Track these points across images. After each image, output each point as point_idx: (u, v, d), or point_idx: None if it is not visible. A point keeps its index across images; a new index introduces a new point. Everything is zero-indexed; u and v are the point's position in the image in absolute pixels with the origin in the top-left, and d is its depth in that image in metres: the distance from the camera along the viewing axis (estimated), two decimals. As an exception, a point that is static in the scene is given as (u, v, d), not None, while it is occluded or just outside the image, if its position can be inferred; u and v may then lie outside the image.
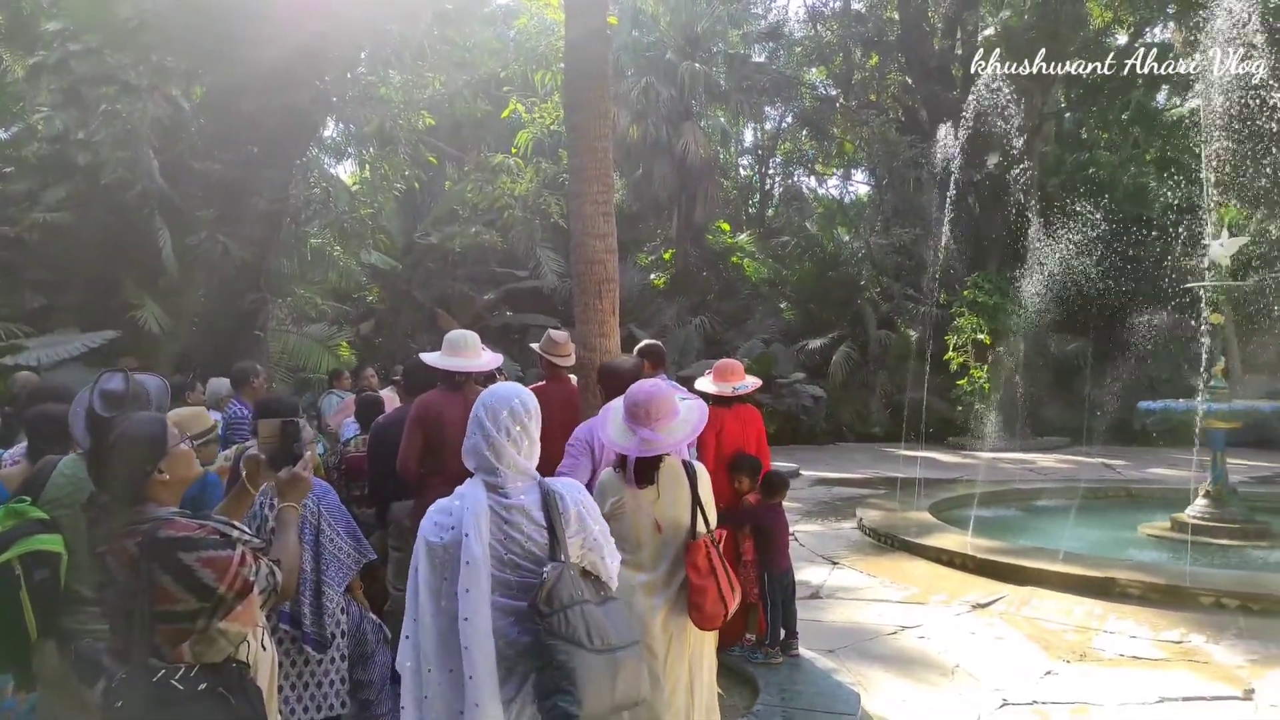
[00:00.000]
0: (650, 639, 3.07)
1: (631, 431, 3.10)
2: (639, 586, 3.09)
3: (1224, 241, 8.53)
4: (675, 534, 3.14)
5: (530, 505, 2.26)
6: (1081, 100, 22.68)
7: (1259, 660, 5.06)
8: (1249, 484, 11.26)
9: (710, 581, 3.06)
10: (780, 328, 21.38)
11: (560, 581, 2.16)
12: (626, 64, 20.96)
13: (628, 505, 3.12)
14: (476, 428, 2.31)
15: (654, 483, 3.14)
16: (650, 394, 3.16)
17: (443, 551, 2.19)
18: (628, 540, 3.10)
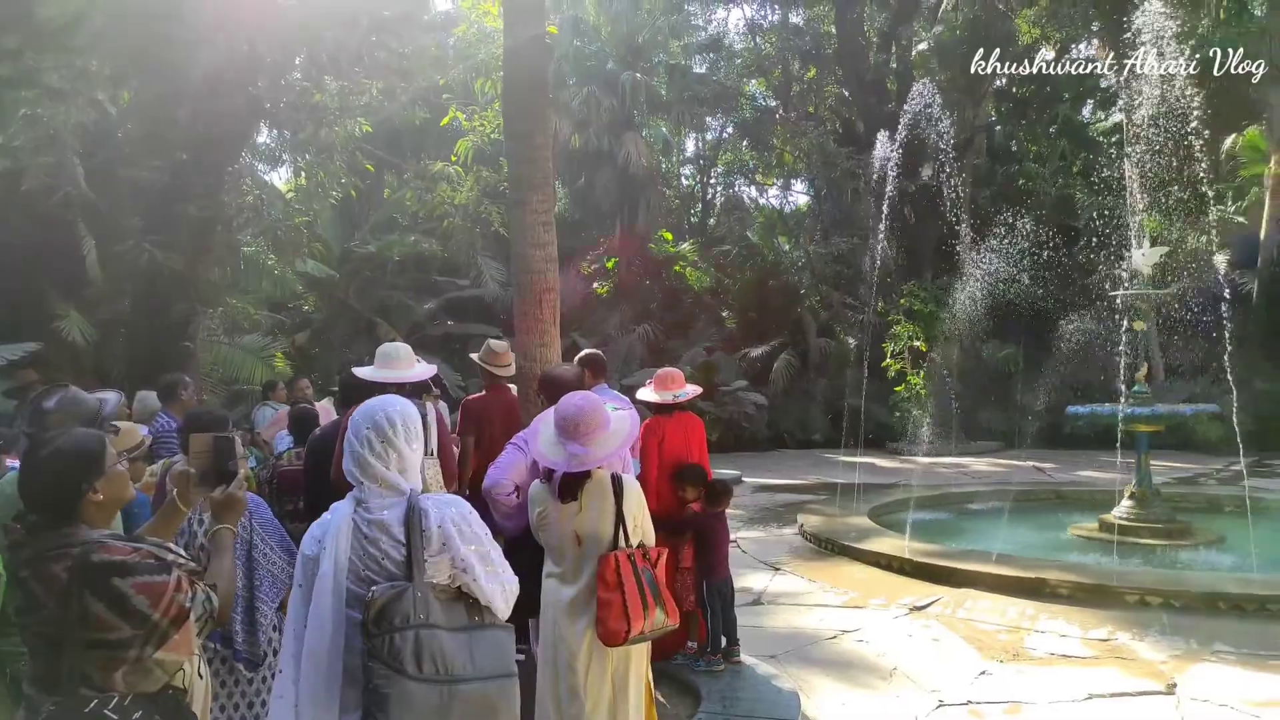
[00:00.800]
0: (571, 655, 3.09)
1: (561, 446, 3.12)
2: (563, 598, 3.13)
3: (1145, 251, 8.87)
4: (596, 547, 3.12)
5: (391, 521, 2.21)
6: (1011, 114, 23.41)
7: (1181, 655, 5.25)
8: (1171, 485, 11.68)
9: (616, 596, 3.01)
10: (722, 336, 21.55)
11: (395, 601, 2.08)
12: (568, 73, 20.97)
13: (550, 517, 3.16)
14: (346, 442, 2.29)
15: (576, 498, 3.14)
16: (580, 407, 3.16)
17: (313, 565, 2.21)
18: (554, 551, 3.18)
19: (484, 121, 8.54)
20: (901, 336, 18.50)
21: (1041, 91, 22.44)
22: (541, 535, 3.23)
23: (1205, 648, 5.34)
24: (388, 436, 2.28)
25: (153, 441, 5.50)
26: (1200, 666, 5.07)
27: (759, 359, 20.30)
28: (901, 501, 10.37)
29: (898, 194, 18.33)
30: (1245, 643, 5.38)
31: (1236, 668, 5.03)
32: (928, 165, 19.57)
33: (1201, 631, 5.59)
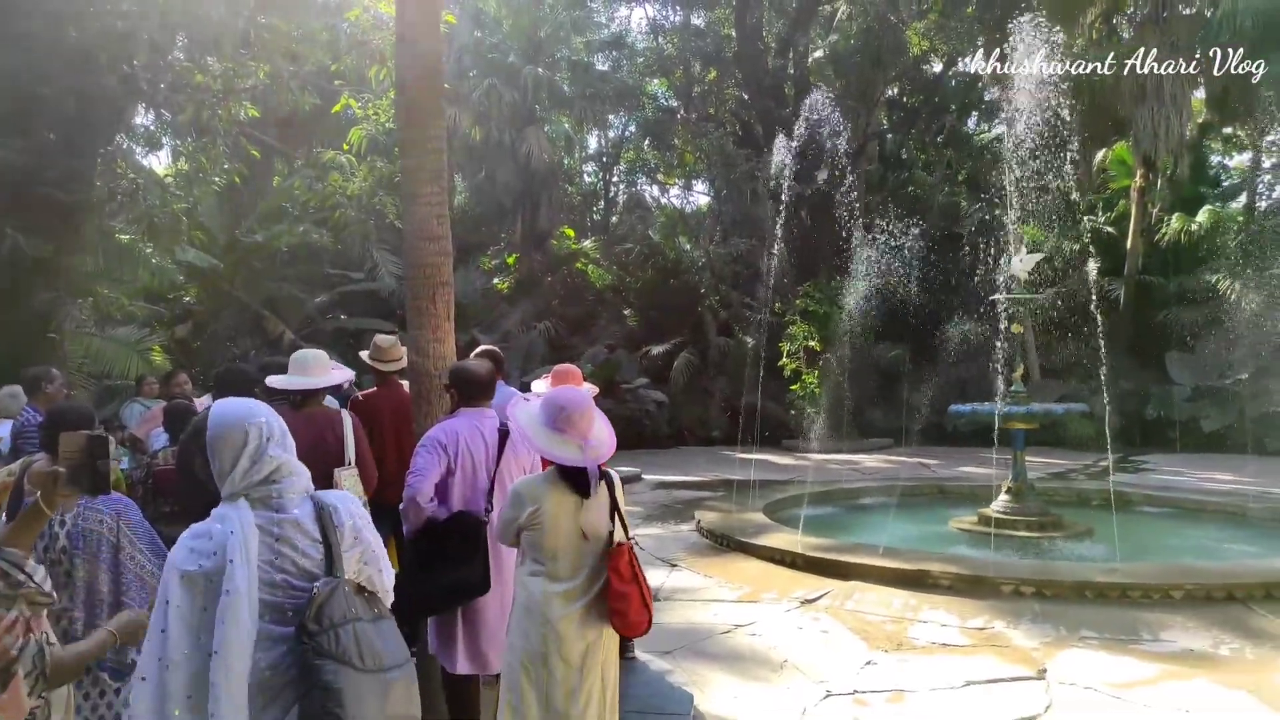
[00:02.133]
0: (566, 650, 3.03)
1: (570, 441, 3.05)
2: (556, 595, 3.04)
3: (1022, 257, 9.31)
4: (597, 542, 3.10)
5: (304, 519, 2.12)
6: (902, 123, 24.28)
7: (1051, 642, 5.53)
8: (1045, 480, 12.30)
9: (634, 588, 3.04)
10: (624, 334, 21.65)
11: (332, 598, 2.03)
12: (469, 65, 20.64)
13: (547, 513, 3.05)
14: (237, 449, 2.10)
15: (594, 493, 3.08)
16: (578, 400, 3.13)
17: (204, 581, 1.98)
18: (543, 550, 3.06)
19: (378, 110, 8.29)
20: (797, 336, 18.95)
21: (930, 102, 23.37)
22: (530, 534, 3.08)
23: (1073, 634, 5.64)
24: (278, 438, 2.17)
25: (16, 435, 5.14)
26: (1068, 652, 5.35)
27: (660, 357, 20.48)
28: (796, 497, 10.60)
29: (794, 197, 18.77)
30: (1109, 628, 5.71)
31: (1101, 652, 5.33)
32: (823, 170, 20.10)
33: (1070, 619, 5.91)
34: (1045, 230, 18.61)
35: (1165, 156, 17.66)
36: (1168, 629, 5.66)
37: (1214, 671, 4.97)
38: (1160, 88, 17.16)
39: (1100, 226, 20.94)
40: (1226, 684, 4.78)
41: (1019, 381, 9.24)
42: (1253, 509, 9.89)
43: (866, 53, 19.30)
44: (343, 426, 4.58)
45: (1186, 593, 6.17)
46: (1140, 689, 4.76)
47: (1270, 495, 11.12)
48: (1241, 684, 4.77)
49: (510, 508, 3.13)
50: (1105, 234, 20.75)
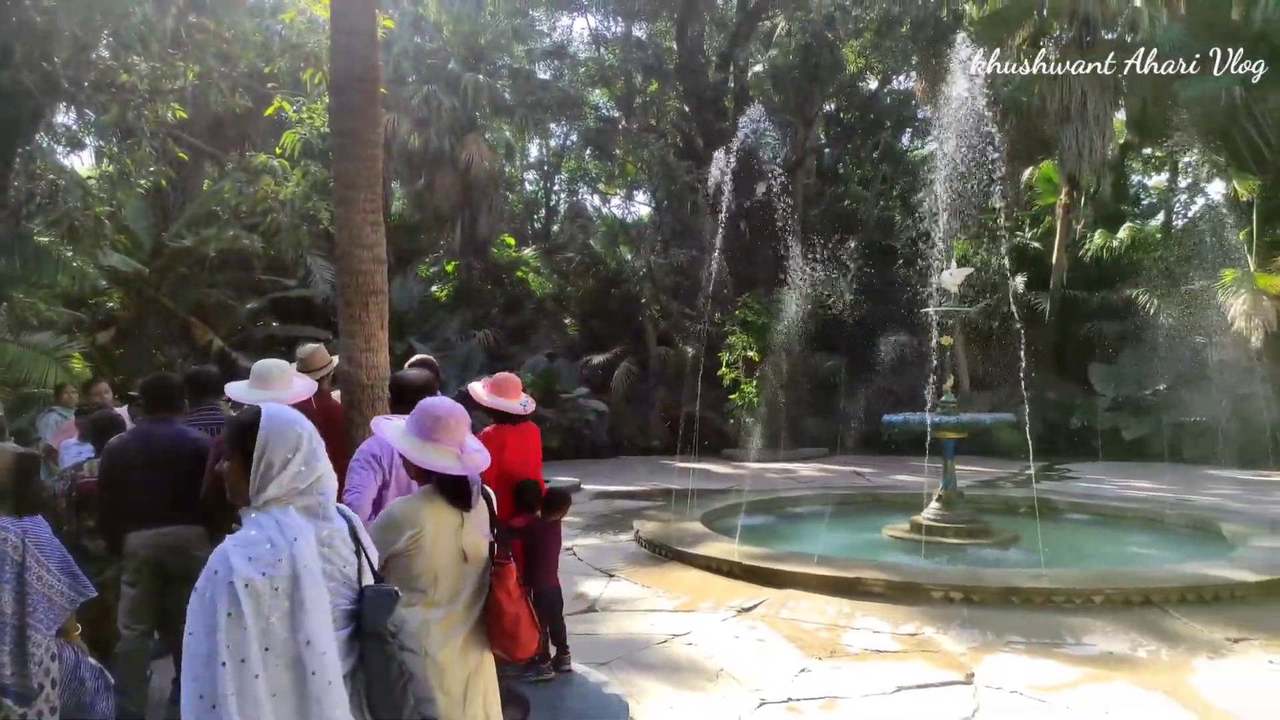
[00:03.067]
0: (448, 682, 2.83)
1: (445, 448, 2.86)
2: (435, 624, 2.82)
3: (952, 271, 9.56)
4: (477, 563, 2.94)
5: (341, 528, 2.16)
6: (839, 138, 24.75)
7: (978, 646, 5.66)
8: (974, 488, 12.60)
9: (523, 607, 2.95)
10: (564, 343, 21.61)
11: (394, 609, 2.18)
12: (408, 70, 20.42)
13: (428, 536, 2.80)
14: (290, 451, 2.07)
15: (474, 505, 2.92)
16: (452, 408, 2.98)
17: (269, 590, 1.90)
18: (422, 577, 2.82)
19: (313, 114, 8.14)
20: (736, 346, 19.14)
21: (866, 118, 23.88)
22: (408, 561, 2.81)
23: (1000, 639, 5.78)
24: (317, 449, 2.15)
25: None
26: (995, 656, 5.48)
27: (600, 366, 20.48)
28: (734, 506, 10.67)
29: (734, 209, 18.99)
30: (1034, 633, 5.87)
31: (1026, 656, 5.48)
32: (762, 183, 20.39)
33: (997, 624, 6.05)
34: (975, 245, 19.16)
35: (1089, 175, 18.32)
36: (1089, 633, 5.84)
37: (1132, 673, 5.15)
38: (1084, 109, 17.81)
39: (1027, 242, 21.64)
40: (1144, 685, 4.95)
41: (949, 392, 9.46)
42: (1169, 515, 10.29)
43: (804, 69, 19.63)
44: None
45: (1107, 597, 6.38)
46: (1063, 692, 4.90)
47: (1186, 502, 11.59)
48: (1158, 685, 4.95)
49: (384, 533, 2.80)
50: (1032, 249, 21.44)
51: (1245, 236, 16.93)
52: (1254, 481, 13.68)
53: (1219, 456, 14.65)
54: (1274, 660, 5.33)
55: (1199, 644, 5.63)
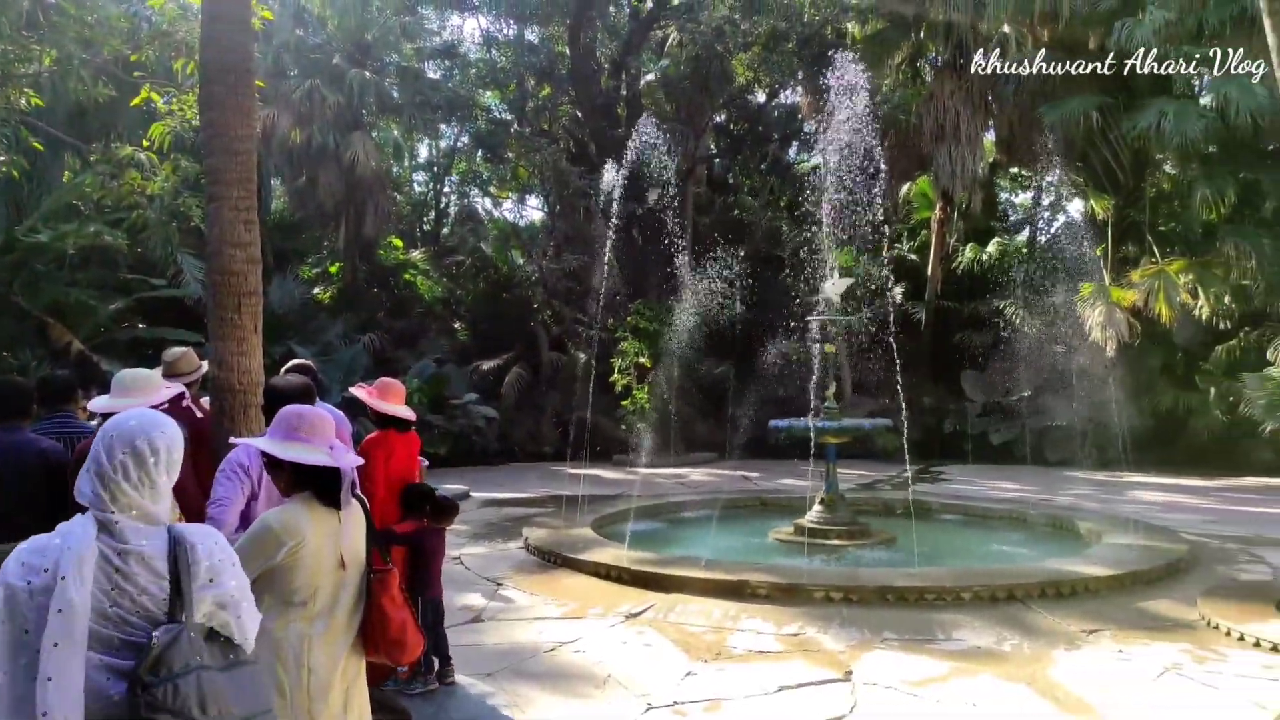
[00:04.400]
0: (332, 697, 2.75)
1: (314, 445, 2.75)
2: (316, 637, 2.72)
3: (835, 281, 9.89)
4: (356, 569, 2.85)
5: (152, 554, 1.96)
6: (729, 149, 25.24)
7: (857, 644, 5.85)
8: (855, 490, 13.03)
9: (407, 613, 2.89)
10: (453, 348, 21.22)
11: (174, 646, 1.88)
12: (289, 64, 19.68)
13: (308, 547, 2.70)
14: (93, 460, 1.98)
15: (345, 505, 2.81)
16: (312, 409, 2.91)
17: (28, 598, 1.82)
18: (301, 589, 2.71)
19: (184, 106, 7.72)
20: (628, 353, 19.23)
21: (755, 130, 24.44)
22: (287, 575, 2.68)
23: (876, 636, 5.99)
24: (147, 467, 2.00)
25: None
26: (872, 654, 5.68)
27: (491, 372, 20.21)
28: (623, 512, 10.71)
29: (626, 216, 19.10)
30: (908, 630, 6.11)
31: (900, 653, 5.69)
32: (654, 190, 20.57)
33: (874, 622, 6.27)
34: (856, 256, 19.86)
35: (961, 192, 19.27)
36: (959, 628, 6.12)
37: (998, 666, 5.42)
38: (958, 128, 18.74)
39: (905, 254, 22.58)
40: (1008, 677, 5.22)
41: (832, 398, 9.77)
42: (1032, 515, 10.92)
43: (695, 79, 19.93)
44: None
45: (975, 594, 6.70)
46: (934, 686, 5.12)
47: (1047, 502, 12.32)
48: (1020, 677, 5.23)
49: (258, 547, 2.67)
50: (910, 261, 22.38)
51: (1101, 253, 18.14)
52: (1108, 482, 14.66)
53: (1077, 459, 15.62)
54: (1123, 650, 5.71)
55: (1057, 636, 5.97)
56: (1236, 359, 16.74)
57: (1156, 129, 15.74)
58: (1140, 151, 17.56)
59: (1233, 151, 16.32)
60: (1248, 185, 16.57)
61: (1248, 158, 16.28)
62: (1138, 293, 16.52)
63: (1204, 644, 5.80)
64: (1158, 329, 16.93)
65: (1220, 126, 15.45)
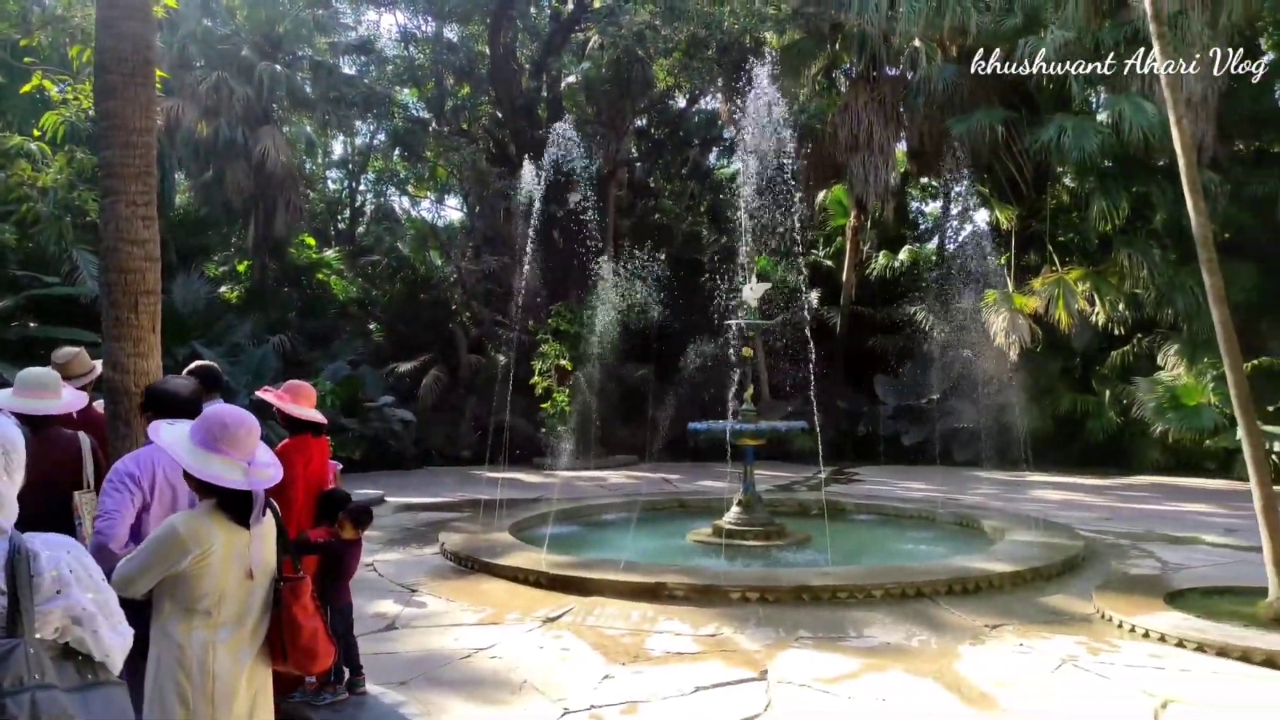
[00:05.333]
0: (238, 707, 2.70)
1: (231, 461, 2.70)
2: (222, 646, 2.68)
3: (753, 286, 10.02)
4: (265, 578, 2.80)
5: None
6: (650, 153, 25.35)
7: (772, 644, 5.94)
8: (772, 491, 13.23)
9: (319, 621, 2.84)
10: (369, 349, 20.75)
11: (6, 662, 1.76)
12: (195, 54, 18.94)
13: (215, 554, 2.65)
14: None
15: (260, 520, 2.76)
16: (240, 415, 2.80)
17: None
18: (206, 597, 2.66)
19: (79, 95, 7.34)
20: (549, 355, 19.12)
21: (675, 135, 24.62)
22: (191, 582, 2.63)
23: (791, 635, 6.10)
24: (5, 459, 1.88)
25: None
26: (787, 653, 5.77)
27: (408, 374, 19.84)
28: (543, 515, 10.64)
29: (547, 218, 19.00)
30: (821, 628, 6.23)
31: (814, 651, 5.80)
32: (575, 192, 20.52)
33: (789, 621, 6.38)
34: (774, 262, 20.20)
35: (874, 200, 19.80)
36: (870, 625, 6.27)
37: (907, 662, 5.57)
38: (871, 138, 19.24)
39: (821, 260, 23.08)
40: (916, 672, 5.37)
41: (749, 401, 9.90)
42: (940, 514, 11.27)
43: (616, 83, 19.94)
44: (80, 449, 4.00)
45: (885, 591, 6.88)
46: (846, 682, 5.23)
47: (954, 501, 12.73)
48: (928, 671, 5.38)
49: (163, 552, 2.63)
50: (825, 267, 22.89)
51: (1005, 261, 18.87)
52: (1011, 481, 15.25)
53: (983, 459, 16.21)
54: (1024, 643, 5.94)
55: (963, 632, 6.18)
56: (1129, 364, 17.65)
57: (1057, 143, 16.48)
58: (1042, 164, 18.35)
59: (1127, 166, 17.20)
60: (1140, 198, 17.48)
61: (1140, 173, 17.17)
62: (1039, 300, 17.26)
63: (1098, 636, 6.08)
64: (1057, 335, 17.72)
65: (1115, 142, 16.27)
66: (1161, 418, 15.96)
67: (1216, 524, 10.90)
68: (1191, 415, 15.62)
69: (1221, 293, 6.56)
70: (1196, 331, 15.81)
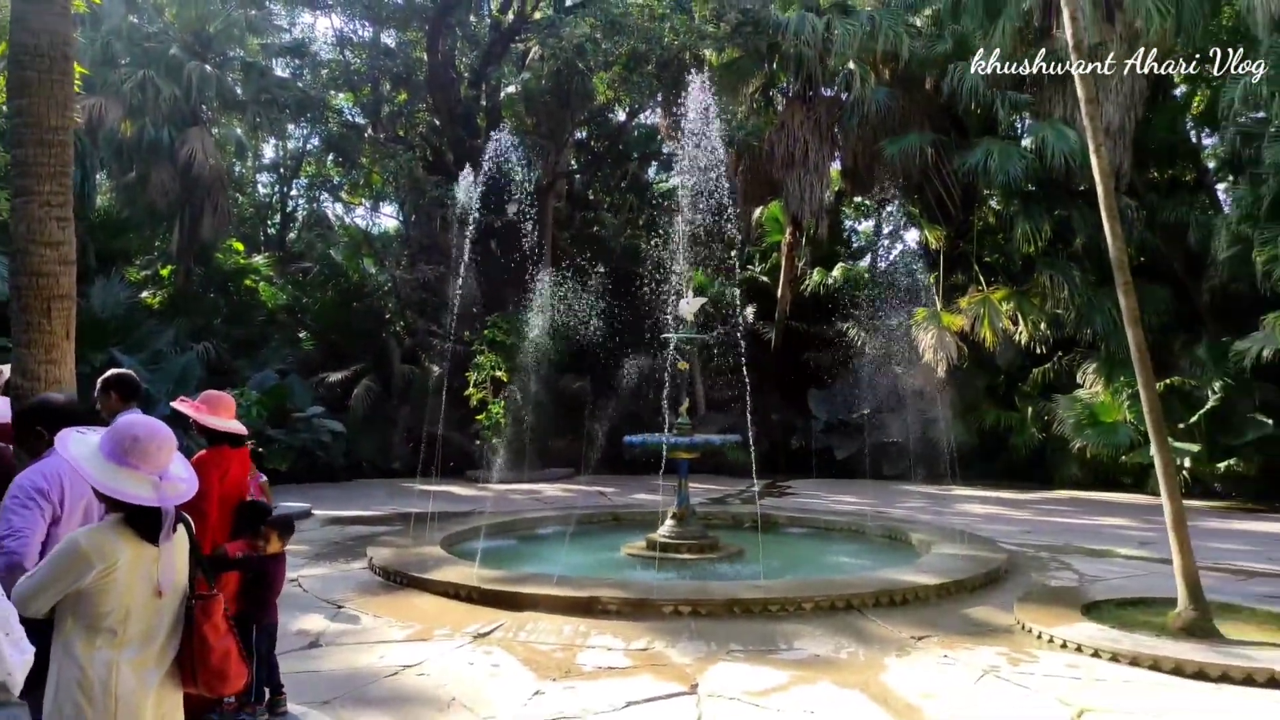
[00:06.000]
0: None
1: (141, 475, 2.59)
2: (126, 666, 2.56)
3: (689, 300, 10.09)
4: (175, 597, 2.68)
5: None
6: (589, 165, 25.41)
7: (703, 657, 5.95)
8: (706, 505, 13.33)
9: (231, 641, 2.73)
10: (298, 358, 20.27)
11: None
12: (120, 52, 18.35)
13: (121, 570, 2.54)
14: None
15: (171, 537, 2.65)
16: (154, 427, 2.69)
17: None
18: (110, 614, 2.56)
19: (-10, 90, 7.02)
20: (484, 366, 18.94)
21: (615, 149, 24.72)
22: (95, 598, 2.52)
23: (722, 648, 6.12)
24: None
25: None
26: (718, 666, 5.78)
27: (338, 384, 19.44)
28: (475, 529, 10.51)
29: (484, 228, 18.85)
30: (753, 641, 6.27)
31: (745, 664, 5.83)
32: (514, 203, 20.42)
33: (721, 634, 6.40)
34: (711, 277, 20.39)
35: (809, 218, 20.16)
36: (800, 638, 6.33)
37: (835, 674, 5.64)
38: (806, 157, 19.61)
39: (757, 276, 23.37)
40: (844, 684, 5.44)
41: (685, 414, 9.95)
42: (869, 527, 11.48)
43: (556, 94, 19.94)
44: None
45: (816, 604, 6.97)
46: (776, 695, 5.26)
47: (884, 514, 12.98)
48: (855, 683, 5.45)
49: (65, 568, 2.53)
50: (761, 283, 23.18)
51: (934, 280, 19.38)
52: (938, 495, 15.61)
53: (911, 473, 16.57)
54: (948, 655, 6.07)
55: (890, 643, 6.28)
56: (1050, 381, 18.27)
57: (984, 167, 17.03)
58: (970, 187, 18.93)
59: (1049, 190, 17.85)
60: (1061, 222, 18.15)
61: (1062, 197, 17.83)
62: (965, 318, 17.77)
63: (1019, 647, 6.25)
64: (983, 352, 18.24)
65: (1039, 167, 16.89)
66: (1080, 434, 16.53)
67: (1131, 537, 11.32)
68: (1108, 432, 16.21)
69: (1136, 314, 6.83)
70: (1114, 351, 16.44)
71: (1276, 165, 14.23)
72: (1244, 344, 14.59)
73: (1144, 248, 17.41)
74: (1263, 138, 14.80)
